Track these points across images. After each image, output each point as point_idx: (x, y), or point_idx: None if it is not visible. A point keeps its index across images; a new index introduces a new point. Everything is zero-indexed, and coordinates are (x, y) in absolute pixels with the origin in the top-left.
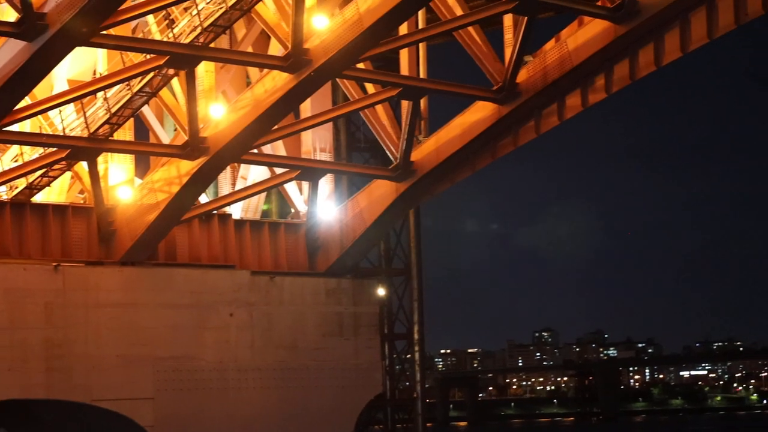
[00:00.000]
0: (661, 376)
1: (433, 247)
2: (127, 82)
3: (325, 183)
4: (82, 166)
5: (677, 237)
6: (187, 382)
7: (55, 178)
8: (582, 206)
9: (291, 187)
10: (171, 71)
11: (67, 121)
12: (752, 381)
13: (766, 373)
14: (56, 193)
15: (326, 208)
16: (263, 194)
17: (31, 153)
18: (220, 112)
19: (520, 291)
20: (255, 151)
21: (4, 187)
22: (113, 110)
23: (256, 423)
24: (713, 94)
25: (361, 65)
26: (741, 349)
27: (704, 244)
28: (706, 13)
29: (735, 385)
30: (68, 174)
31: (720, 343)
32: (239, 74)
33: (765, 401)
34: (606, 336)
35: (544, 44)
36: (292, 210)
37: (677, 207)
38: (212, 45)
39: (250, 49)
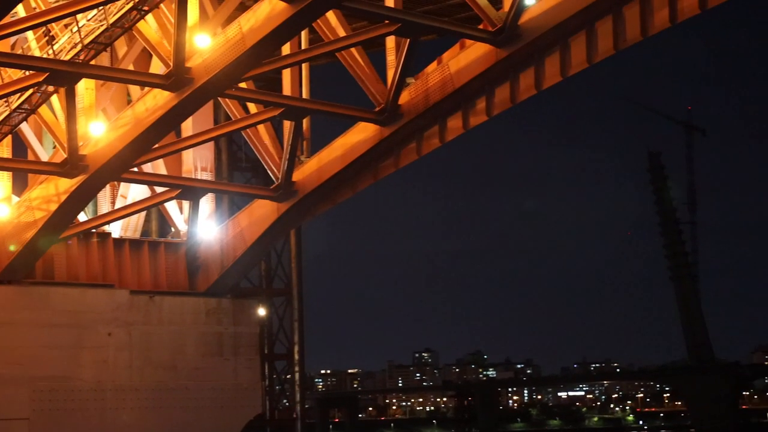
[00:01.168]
0: (539, 396)
1: (314, 267)
2: (5, 99)
3: (206, 202)
4: None
5: (556, 259)
6: (64, 402)
7: None
8: (463, 228)
9: (171, 206)
10: (50, 88)
11: None
12: (629, 402)
13: (642, 394)
14: None
15: (207, 227)
16: (143, 213)
17: None
18: (100, 129)
19: (400, 312)
20: (135, 169)
21: None
22: None
23: None
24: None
25: (243, 85)
26: (618, 370)
27: (582, 267)
28: (585, 39)
29: (612, 405)
30: None
31: (597, 365)
32: (120, 92)
33: (641, 422)
34: (485, 357)
35: (426, 66)
36: (173, 229)
37: (556, 229)
38: (93, 62)
39: (131, 67)
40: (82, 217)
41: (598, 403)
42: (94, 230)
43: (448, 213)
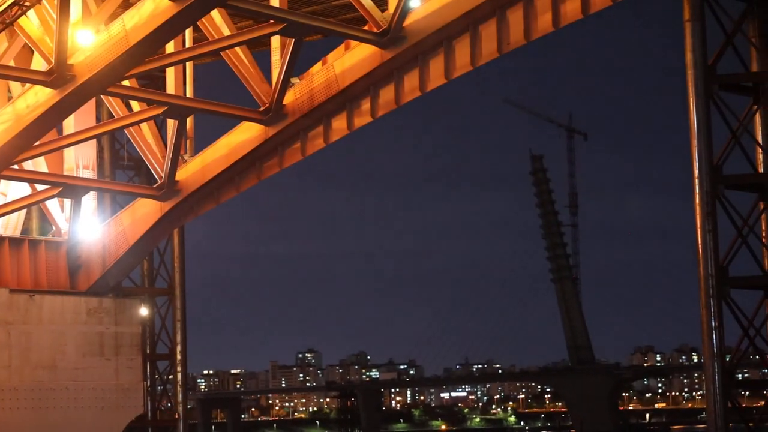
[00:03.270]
0: (422, 397)
1: (197, 266)
2: None
3: (88, 201)
4: None
5: (436, 259)
6: None
7: None
8: (346, 229)
9: (52, 204)
10: None
11: None
12: (510, 403)
13: (523, 395)
14: None
15: (89, 226)
16: (24, 211)
17: None
18: None
19: (284, 312)
20: (16, 166)
21: None
22: None
23: None
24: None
25: (126, 82)
26: (500, 371)
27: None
28: (469, 41)
29: (494, 406)
30: None
31: (479, 366)
32: (1, 88)
33: (522, 423)
34: (369, 358)
35: (311, 67)
36: (54, 227)
37: (437, 228)
38: None
39: (12, 63)
40: None
41: (480, 404)
42: None
43: (330, 214)
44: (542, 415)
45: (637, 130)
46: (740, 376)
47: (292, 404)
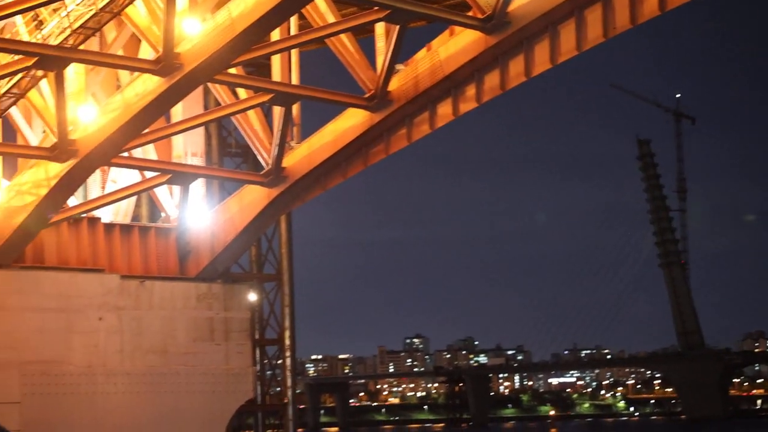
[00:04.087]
0: (530, 382)
1: (305, 252)
2: None
3: (196, 187)
4: None
5: (546, 245)
6: (55, 386)
7: None
8: (455, 215)
9: (162, 191)
10: (39, 72)
11: None
12: (619, 388)
13: (632, 381)
14: None
15: (197, 212)
16: (134, 198)
17: None
18: (89, 114)
19: (391, 297)
20: (125, 154)
21: None
22: None
23: (125, 428)
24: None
25: (233, 70)
26: (609, 357)
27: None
28: (575, 26)
29: (602, 392)
30: None
31: (588, 351)
32: (109, 77)
33: (631, 408)
34: (476, 343)
35: (416, 53)
36: (163, 214)
37: (546, 215)
38: (82, 47)
39: (120, 52)
40: (72, 201)
41: (589, 390)
42: (84, 215)
43: (439, 199)
44: (651, 401)
45: (746, 114)
46: None
47: (400, 389)
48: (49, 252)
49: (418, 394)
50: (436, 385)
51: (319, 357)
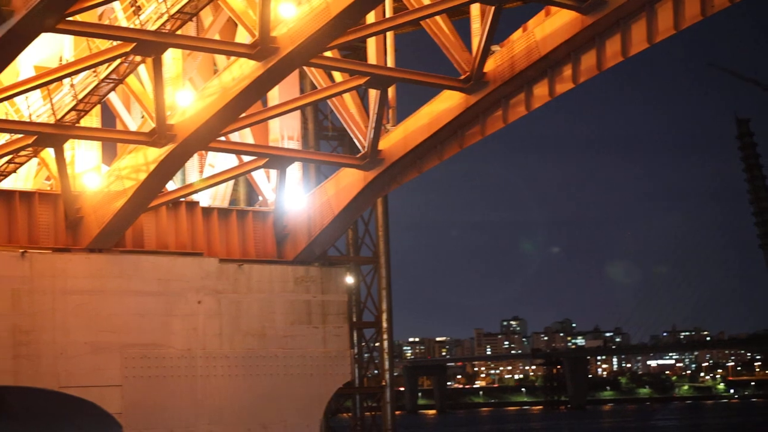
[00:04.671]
0: (628, 365)
1: (402, 234)
2: (93, 69)
3: (293, 171)
4: (49, 153)
5: (646, 226)
6: (155, 369)
7: (21, 164)
8: (550, 198)
9: (259, 175)
10: (137, 58)
11: (33, 107)
12: (719, 371)
13: (732, 363)
14: (23, 179)
15: (294, 196)
16: (231, 182)
17: None
18: (187, 99)
19: (489, 279)
20: (223, 138)
21: None
22: (80, 97)
23: (224, 411)
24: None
25: (328, 53)
26: (708, 339)
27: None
28: (672, 4)
29: (702, 374)
30: (35, 160)
31: (687, 333)
32: (206, 61)
33: (731, 390)
34: (574, 325)
35: (512, 34)
36: (260, 198)
37: (646, 197)
38: (179, 32)
39: (217, 37)
40: (170, 186)
41: (688, 372)
42: (182, 199)
43: (535, 182)
44: (752, 383)
45: None
46: None
47: (497, 372)
48: (148, 236)
49: (516, 377)
50: (533, 367)
51: (417, 339)
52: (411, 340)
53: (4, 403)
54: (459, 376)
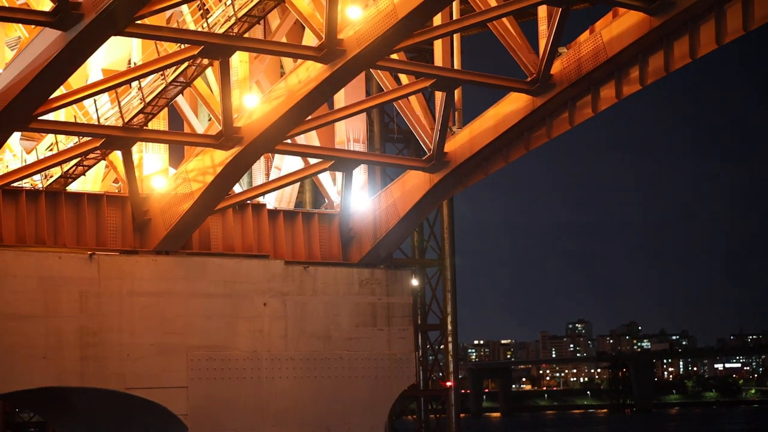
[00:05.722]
0: (695, 368)
1: (468, 237)
2: (161, 72)
3: (359, 173)
4: (117, 156)
5: (713, 229)
6: (221, 371)
7: (89, 167)
8: (619, 198)
9: (325, 178)
10: (205, 61)
11: (101, 110)
12: None
13: None
14: (91, 182)
15: (360, 198)
16: (297, 184)
17: (66, 142)
18: (254, 102)
19: (554, 282)
20: (289, 141)
21: (39, 176)
22: (148, 100)
23: (290, 413)
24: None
25: (394, 56)
26: None
27: (740, 237)
28: (741, 5)
29: None
30: (103, 163)
31: (754, 336)
32: (273, 64)
33: None
34: (640, 328)
35: (579, 36)
36: (326, 200)
37: (715, 199)
38: (246, 35)
39: (284, 40)
40: (237, 188)
41: (756, 376)
42: (249, 201)
43: (604, 182)
44: None
45: None
46: None
47: (562, 375)
48: (215, 238)
49: (581, 380)
50: (598, 370)
51: (481, 342)
52: (476, 342)
53: (70, 404)
54: (524, 379)
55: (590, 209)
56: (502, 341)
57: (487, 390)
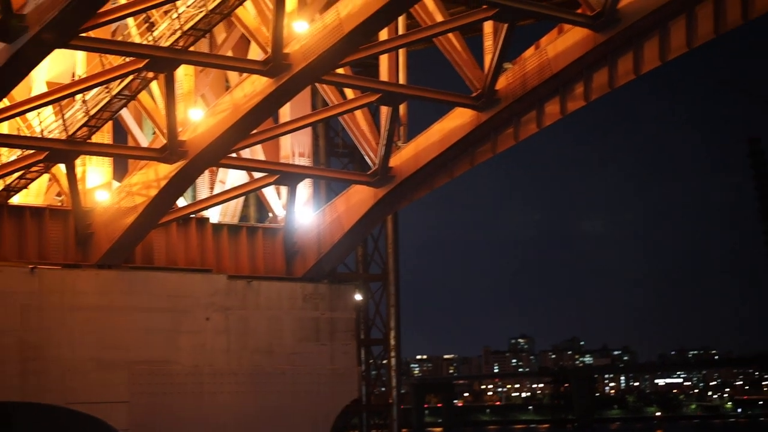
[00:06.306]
0: (636, 383)
1: (411, 252)
2: (106, 85)
3: (304, 188)
4: (60, 169)
5: (653, 246)
6: (162, 386)
7: (32, 180)
8: (561, 214)
9: (269, 192)
10: (150, 74)
11: (45, 123)
12: (727, 389)
13: (740, 382)
14: (33, 195)
15: (304, 213)
16: (241, 199)
17: (8, 155)
18: (198, 115)
19: (496, 298)
20: (233, 155)
21: None
22: (92, 113)
23: (231, 427)
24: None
25: (340, 70)
26: (716, 357)
27: (679, 254)
28: (685, 23)
29: (710, 393)
30: (46, 176)
31: (695, 352)
32: (218, 78)
33: (739, 409)
34: (582, 343)
35: (524, 52)
36: (270, 214)
37: (653, 215)
38: (192, 48)
39: (230, 53)
40: (181, 202)
41: (696, 391)
42: (193, 215)
43: (542, 198)
44: (760, 402)
45: None
46: None
47: (504, 390)
48: (158, 252)
49: (523, 395)
50: (541, 385)
51: (424, 357)
52: (419, 357)
53: (9, 419)
54: (466, 394)
55: (532, 225)
56: (445, 356)
57: (429, 405)
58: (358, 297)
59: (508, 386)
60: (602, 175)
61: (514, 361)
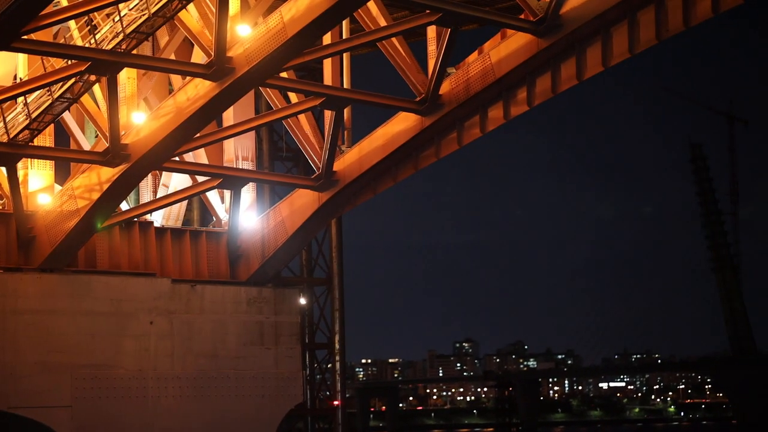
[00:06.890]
0: (580, 387)
1: (355, 256)
2: (47, 88)
3: (247, 192)
4: (2, 172)
5: (596, 249)
6: (106, 390)
7: None
8: (504, 219)
9: (213, 196)
10: (92, 77)
11: None
12: (670, 393)
13: (683, 386)
14: None
15: (248, 216)
16: (185, 202)
17: None
18: (141, 119)
19: (441, 302)
20: (177, 158)
21: None
22: (33, 116)
23: None
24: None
25: (284, 74)
26: (659, 361)
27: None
28: (627, 28)
29: (653, 397)
30: None
31: (638, 356)
32: (162, 81)
33: (682, 413)
34: (526, 347)
35: (467, 56)
36: (214, 218)
37: (596, 220)
38: (135, 52)
39: (172, 57)
40: (124, 206)
41: (640, 395)
42: (136, 219)
43: (486, 203)
44: (702, 406)
45: None
46: None
47: (449, 393)
48: (101, 256)
49: (468, 399)
50: (485, 389)
51: (369, 361)
52: (363, 361)
53: None
54: (411, 398)
55: (476, 229)
56: (390, 360)
57: (374, 409)
58: (303, 301)
59: (453, 390)
60: (548, 180)
61: (458, 365)
